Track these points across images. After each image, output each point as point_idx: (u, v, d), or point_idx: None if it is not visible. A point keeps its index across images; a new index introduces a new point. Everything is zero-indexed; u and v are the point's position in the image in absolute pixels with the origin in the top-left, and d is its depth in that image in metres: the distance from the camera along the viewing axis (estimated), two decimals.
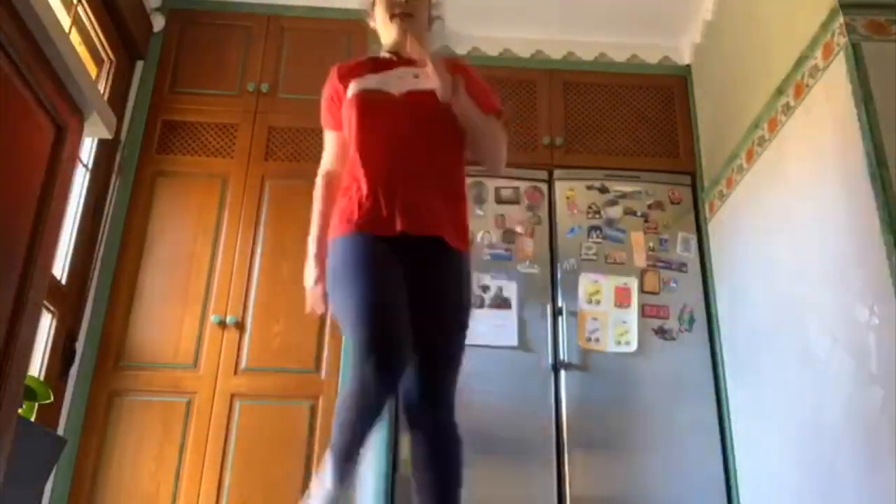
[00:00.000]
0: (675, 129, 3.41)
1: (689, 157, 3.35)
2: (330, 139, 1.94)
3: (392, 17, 1.88)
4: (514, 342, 2.91)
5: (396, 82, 1.80)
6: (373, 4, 1.97)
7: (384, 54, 1.96)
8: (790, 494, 2.40)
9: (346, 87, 1.87)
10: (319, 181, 1.89)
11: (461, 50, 3.50)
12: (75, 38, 2.76)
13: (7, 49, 1.22)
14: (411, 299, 1.61)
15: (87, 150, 2.84)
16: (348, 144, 1.84)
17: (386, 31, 1.93)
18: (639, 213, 3.19)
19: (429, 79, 1.70)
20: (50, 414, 2.50)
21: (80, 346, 2.69)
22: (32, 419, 1.98)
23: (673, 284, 3.07)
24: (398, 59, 1.90)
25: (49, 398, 1.97)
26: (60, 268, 2.64)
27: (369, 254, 1.62)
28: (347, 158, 1.82)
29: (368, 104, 1.79)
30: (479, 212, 3.15)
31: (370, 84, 1.82)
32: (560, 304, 2.99)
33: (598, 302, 3.01)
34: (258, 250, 2.91)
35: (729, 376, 2.89)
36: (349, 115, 1.81)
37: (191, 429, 2.65)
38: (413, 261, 1.64)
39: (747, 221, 2.79)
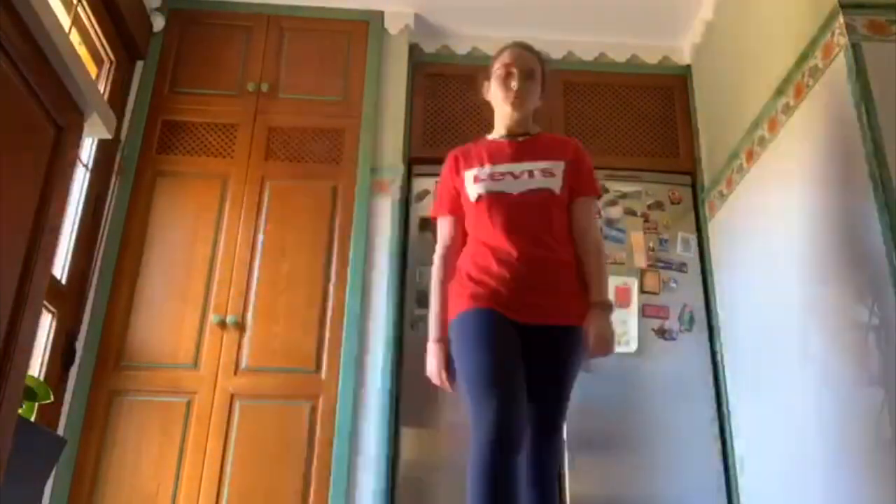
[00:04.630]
0: (675, 129, 3.41)
1: (689, 157, 3.35)
2: (445, 224, 2.04)
3: (506, 99, 1.98)
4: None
5: (513, 183, 1.91)
6: (488, 78, 2.06)
7: (498, 134, 2.05)
8: (790, 494, 2.39)
9: (462, 178, 1.99)
10: (438, 262, 2.00)
11: (461, 50, 3.50)
12: (75, 38, 2.76)
13: (7, 49, 1.22)
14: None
15: (87, 150, 2.84)
16: (462, 229, 2.00)
17: (500, 110, 2.03)
18: (639, 213, 3.19)
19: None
20: (50, 414, 2.49)
21: (80, 346, 2.69)
22: (32, 419, 1.98)
23: (673, 284, 3.07)
24: (512, 142, 2.00)
25: (49, 398, 1.97)
26: (60, 268, 2.64)
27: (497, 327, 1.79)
28: (464, 243, 1.98)
29: (490, 206, 1.90)
30: None
31: (490, 186, 1.92)
32: None
33: None
34: (258, 250, 2.91)
35: (729, 376, 2.89)
36: (473, 214, 1.95)
37: (191, 429, 2.65)
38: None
39: (747, 221, 2.79)
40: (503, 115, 2.02)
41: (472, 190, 1.94)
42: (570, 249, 1.91)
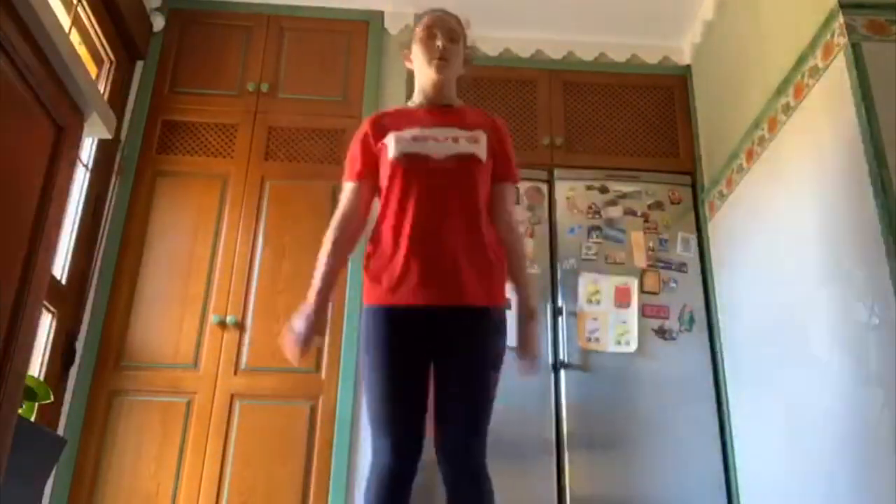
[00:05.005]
0: (675, 129, 3.41)
1: (689, 157, 3.35)
2: (353, 190, 1.85)
3: (430, 60, 1.85)
4: (514, 342, 2.90)
5: (436, 146, 1.76)
6: (410, 43, 1.94)
7: (418, 101, 1.92)
8: (790, 494, 2.39)
9: (382, 141, 1.82)
10: (333, 233, 1.82)
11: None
12: (75, 38, 2.76)
13: (7, 49, 1.22)
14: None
15: (87, 150, 2.84)
16: (371, 198, 1.86)
17: (423, 74, 1.90)
18: (639, 213, 3.19)
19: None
20: (50, 414, 2.50)
21: (80, 346, 2.69)
22: (32, 419, 1.98)
23: (673, 284, 3.07)
24: (432, 109, 1.88)
25: (49, 398, 1.97)
26: (60, 268, 2.64)
27: (399, 337, 1.70)
28: (368, 213, 1.87)
29: (410, 169, 1.75)
30: None
31: (410, 147, 1.76)
32: (560, 304, 2.99)
33: (598, 302, 3.01)
34: (258, 250, 2.91)
35: (729, 376, 2.89)
36: (389, 177, 1.77)
37: (191, 429, 2.65)
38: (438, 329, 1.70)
39: (747, 221, 2.79)
40: (425, 80, 1.88)
41: (392, 150, 1.76)
42: (492, 229, 1.78)
